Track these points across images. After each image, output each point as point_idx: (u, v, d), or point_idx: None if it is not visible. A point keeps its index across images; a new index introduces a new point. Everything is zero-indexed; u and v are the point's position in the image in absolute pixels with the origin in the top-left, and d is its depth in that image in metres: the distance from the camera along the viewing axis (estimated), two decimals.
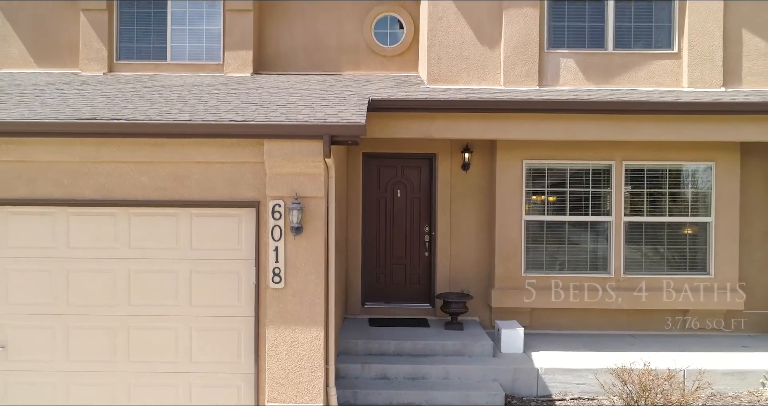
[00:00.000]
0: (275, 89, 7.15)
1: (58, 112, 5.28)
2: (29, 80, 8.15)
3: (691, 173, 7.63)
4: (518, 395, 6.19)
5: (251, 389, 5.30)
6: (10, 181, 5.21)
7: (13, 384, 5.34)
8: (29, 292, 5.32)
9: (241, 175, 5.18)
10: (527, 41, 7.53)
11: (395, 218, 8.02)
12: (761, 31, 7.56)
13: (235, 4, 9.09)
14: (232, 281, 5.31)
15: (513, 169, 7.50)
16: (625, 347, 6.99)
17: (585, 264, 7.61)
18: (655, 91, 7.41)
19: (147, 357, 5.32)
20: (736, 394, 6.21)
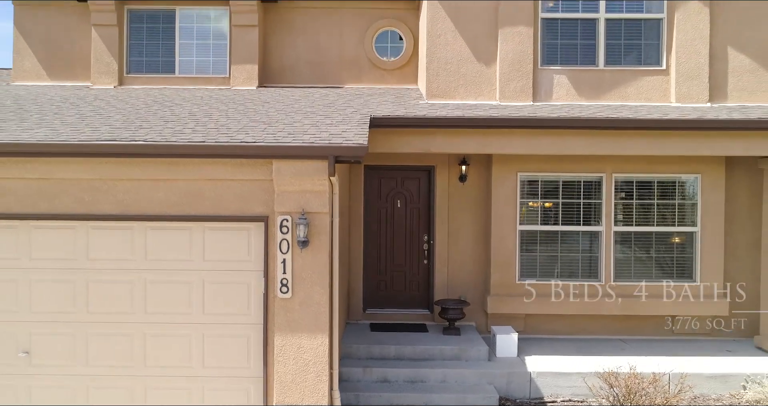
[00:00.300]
0: (281, 105, 7.49)
1: (78, 132, 5.62)
2: (44, 94, 8.47)
3: (678, 185, 7.97)
4: (512, 398, 6.53)
5: (260, 392, 5.64)
6: (33, 198, 5.54)
7: (36, 388, 5.68)
8: (51, 301, 5.66)
9: (250, 191, 5.52)
10: (522, 58, 7.87)
11: (395, 227, 8.36)
12: (746, 48, 7.89)
13: (241, 20, 9.42)
14: (243, 290, 5.65)
15: (508, 181, 7.85)
16: (615, 352, 7.33)
17: (577, 272, 7.95)
18: (643, 106, 7.75)
19: (162, 362, 5.66)
20: (719, 396, 6.55)
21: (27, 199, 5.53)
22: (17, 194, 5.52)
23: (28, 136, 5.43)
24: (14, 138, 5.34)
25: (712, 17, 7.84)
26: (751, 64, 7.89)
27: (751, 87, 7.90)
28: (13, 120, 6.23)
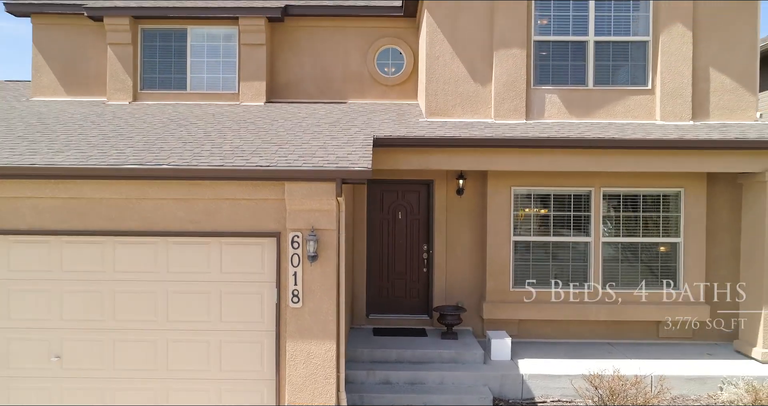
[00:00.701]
0: (289, 123, 7.98)
1: (105, 155, 6.11)
2: (64, 111, 8.96)
3: (662, 198, 8.47)
4: (505, 398, 7.03)
5: (273, 393, 6.14)
6: (65, 215, 6.05)
7: (67, 389, 6.18)
8: (81, 310, 6.17)
9: (264, 210, 6.02)
10: (515, 79, 8.36)
11: (396, 237, 8.87)
12: (727, 69, 8.38)
13: (250, 39, 9.92)
14: (257, 300, 6.15)
15: (502, 195, 8.35)
16: (602, 355, 7.82)
17: (567, 279, 8.44)
18: (630, 124, 8.25)
19: (183, 366, 6.16)
20: (697, 397, 7.05)
21: (59, 216, 6.03)
22: (51, 212, 6.02)
23: (60, 160, 5.93)
24: (48, 162, 5.84)
25: (694, 40, 8.33)
26: (731, 84, 8.38)
27: (732, 105, 8.39)
28: (43, 141, 6.73)
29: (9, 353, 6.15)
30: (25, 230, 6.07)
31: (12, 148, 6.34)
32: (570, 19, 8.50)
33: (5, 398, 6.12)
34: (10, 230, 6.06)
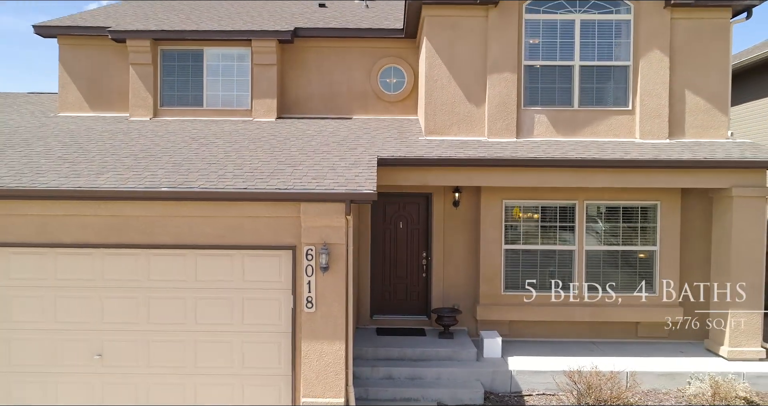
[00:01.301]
0: (300, 143, 8.76)
1: (140, 177, 6.91)
2: (92, 129, 9.75)
3: (640, 210, 9.26)
4: (495, 392, 7.85)
5: (289, 387, 6.96)
6: (106, 231, 6.85)
7: (107, 384, 7.00)
8: (119, 314, 6.97)
9: (281, 226, 6.81)
10: (507, 100, 9.13)
11: (398, 245, 9.67)
12: (701, 91, 9.15)
13: (262, 59, 10.70)
14: (275, 306, 6.96)
15: (494, 207, 9.14)
16: (584, 353, 8.61)
17: (554, 285, 9.23)
18: (611, 142, 9.02)
19: (209, 363, 6.97)
20: (667, 391, 7.86)
21: (101, 231, 6.84)
22: (93, 228, 6.82)
23: (102, 182, 6.73)
24: (92, 185, 6.64)
25: (671, 65, 9.10)
26: (705, 105, 9.16)
27: (706, 124, 9.17)
28: (82, 162, 7.52)
29: (56, 352, 6.97)
30: (70, 244, 6.88)
31: (57, 171, 7.13)
32: (557, 45, 9.26)
33: (54, 392, 6.94)
34: (57, 244, 6.86)
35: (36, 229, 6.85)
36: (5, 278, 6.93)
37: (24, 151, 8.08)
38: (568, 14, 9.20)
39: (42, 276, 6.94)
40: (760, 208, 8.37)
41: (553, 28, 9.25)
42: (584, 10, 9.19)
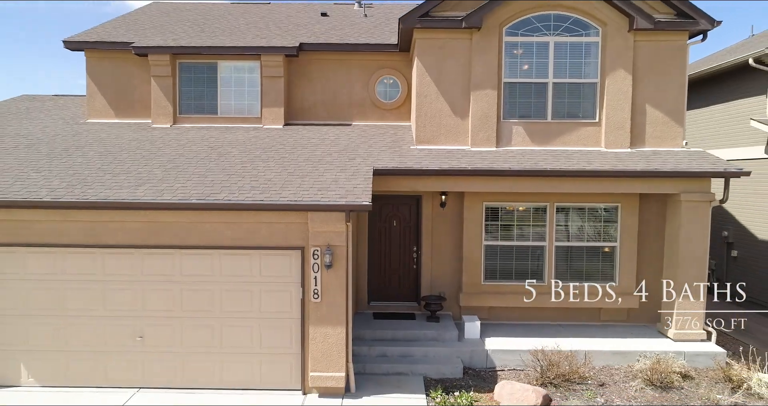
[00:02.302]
0: (306, 152, 10.00)
1: (173, 189, 8.19)
2: (120, 136, 10.98)
3: (603, 211, 10.56)
4: (473, 368, 9.25)
5: (299, 364, 8.34)
6: (145, 234, 8.16)
7: (147, 360, 8.39)
8: (157, 303, 8.33)
9: (291, 230, 8.12)
10: (488, 114, 10.35)
11: (392, 240, 11.00)
12: (660, 106, 10.35)
13: (270, 72, 11.88)
14: (286, 296, 8.31)
15: (476, 209, 10.43)
16: (552, 334, 9.98)
17: (527, 275, 10.56)
18: (580, 151, 10.27)
19: (233, 344, 8.35)
20: (619, 367, 9.23)
21: (140, 235, 8.16)
22: (134, 232, 8.14)
23: (141, 194, 8.01)
24: (133, 197, 7.92)
25: (634, 82, 10.28)
26: (663, 118, 10.37)
27: (663, 135, 10.40)
28: (120, 174, 8.78)
29: (105, 335, 8.35)
30: (114, 245, 8.21)
31: (101, 182, 8.42)
32: (533, 64, 10.44)
33: (104, 367, 8.35)
34: (104, 245, 8.19)
35: (86, 233, 8.17)
36: (62, 273, 8.28)
37: (68, 162, 9.35)
38: (543, 37, 10.35)
39: (92, 272, 8.29)
40: (704, 211, 9.65)
41: (529, 49, 10.42)
42: (557, 33, 10.34)
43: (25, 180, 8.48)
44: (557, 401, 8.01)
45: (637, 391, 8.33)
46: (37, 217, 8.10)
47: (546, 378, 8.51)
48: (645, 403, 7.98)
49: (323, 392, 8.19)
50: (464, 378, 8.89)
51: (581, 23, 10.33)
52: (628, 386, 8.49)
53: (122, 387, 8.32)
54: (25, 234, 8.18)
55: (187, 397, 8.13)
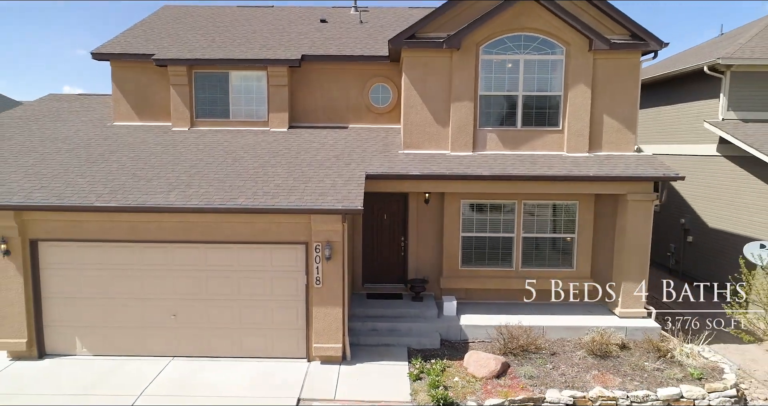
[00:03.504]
0: (309, 156, 11.62)
1: (199, 194, 9.85)
2: (147, 141, 12.58)
3: (564, 207, 12.26)
4: (449, 340, 11.08)
5: (304, 337, 10.17)
6: (176, 231, 9.87)
7: (180, 336, 10.20)
8: (186, 288, 10.10)
9: (297, 228, 9.83)
10: (466, 123, 11.94)
11: (383, 232, 12.72)
12: (615, 115, 11.93)
13: (276, 81, 13.41)
14: (293, 283, 10.07)
15: (454, 205, 12.12)
16: (518, 312, 11.73)
17: (498, 262, 12.34)
18: (545, 155, 11.88)
19: (250, 321, 10.15)
20: (570, 339, 11.06)
21: (173, 232, 9.87)
22: (167, 229, 9.85)
23: (173, 199, 9.68)
24: (166, 202, 9.58)
25: (593, 95, 11.84)
26: (618, 126, 11.97)
27: (618, 141, 12.01)
28: (153, 179, 10.42)
29: (144, 314, 10.14)
30: (151, 240, 9.93)
31: (138, 188, 10.07)
32: (506, 79, 11.98)
33: (143, 340, 10.18)
34: (142, 240, 9.91)
35: (127, 230, 9.89)
36: (108, 263, 10.04)
37: (106, 168, 10.98)
38: (514, 55, 11.87)
39: (133, 262, 10.04)
40: (648, 208, 11.33)
41: (502, 65, 11.94)
42: (527, 52, 11.84)
43: (75, 186, 10.15)
44: (514, 367, 9.86)
45: (581, 359, 10.18)
46: (87, 218, 9.80)
47: (507, 349, 10.34)
48: (584, 368, 9.82)
49: (324, 360, 10.05)
50: (441, 349, 10.74)
51: (548, 43, 11.82)
52: (574, 355, 10.33)
53: (160, 356, 10.16)
54: (77, 232, 9.89)
55: (213, 364, 9.98)
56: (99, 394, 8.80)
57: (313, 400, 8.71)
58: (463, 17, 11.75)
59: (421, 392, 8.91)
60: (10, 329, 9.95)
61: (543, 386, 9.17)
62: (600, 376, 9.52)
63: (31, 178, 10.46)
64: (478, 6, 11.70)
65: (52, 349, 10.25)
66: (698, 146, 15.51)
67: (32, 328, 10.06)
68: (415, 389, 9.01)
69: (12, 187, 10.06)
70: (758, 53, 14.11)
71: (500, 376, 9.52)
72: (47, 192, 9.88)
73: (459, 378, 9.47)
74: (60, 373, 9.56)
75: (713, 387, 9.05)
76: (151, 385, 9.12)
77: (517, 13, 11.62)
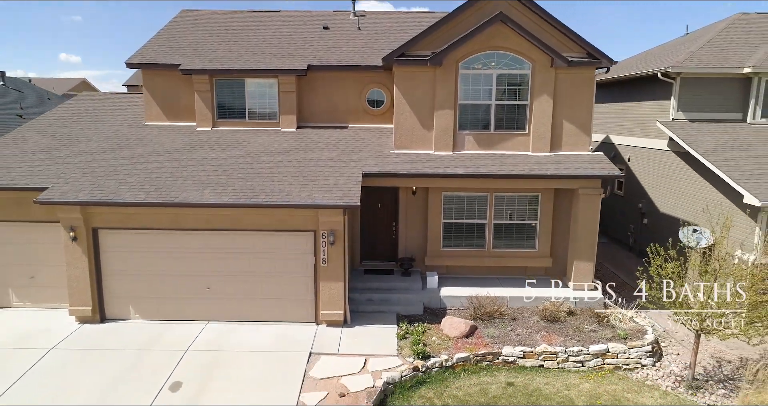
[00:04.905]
0: (315, 156, 13.92)
1: (228, 191, 12.17)
2: (177, 141, 14.85)
3: (528, 198, 14.62)
4: (430, 308, 13.59)
5: (313, 306, 12.66)
6: (208, 220, 12.24)
7: (213, 304, 12.68)
8: (218, 266, 12.53)
9: (307, 219, 12.20)
10: (447, 127, 14.19)
11: (378, 218, 15.12)
12: (573, 121, 14.16)
13: (285, 87, 15.60)
14: (304, 262, 12.50)
15: (437, 196, 14.49)
16: (489, 285, 14.22)
17: (473, 243, 14.78)
18: (513, 154, 14.16)
19: (268, 293, 12.63)
20: (531, 308, 13.56)
21: (206, 221, 12.25)
22: (202, 219, 12.21)
23: (208, 196, 12.02)
24: (201, 199, 11.92)
25: (554, 103, 14.05)
26: (575, 130, 14.22)
27: (575, 142, 14.28)
28: (188, 178, 12.73)
29: (184, 286, 12.60)
30: (189, 228, 12.32)
31: (178, 186, 12.39)
32: (480, 90, 14.17)
33: (183, 308, 12.68)
34: (182, 228, 12.30)
35: (170, 220, 12.27)
36: (155, 247, 12.46)
37: (147, 167, 13.29)
38: (488, 70, 14.03)
39: (175, 246, 12.46)
40: (595, 200, 13.67)
41: (478, 79, 14.11)
42: (499, 68, 14.01)
43: (126, 184, 12.48)
44: (481, 329, 12.38)
45: (535, 323, 12.70)
46: (137, 211, 12.17)
47: (477, 315, 12.85)
48: (536, 330, 12.35)
49: (329, 323, 12.57)
50: (424, 315, 13.26)
51: (517, 60, 13.97)
52: (530, 320, 12.85)
53: (197, 320, 12.69)
54: (129, 221, 12.28)
55: (241, 326, 12.51)
56: (157, 349, 11.34)
57: (322, 353, 11.25)
58: (445, 37, 13.88)
59: (406, 347, 11.45)
60: (78, 299, 12.45)
61: (501, 344, 11.71)
62: (547, 336, 12.05)
63: (88, 177, 12.80)
64: (458, 28, 13.81)
65: (110, 315, 12.78)
66: (654, 141, 17.75)
67: (95, 298, 12.56)
68: (401, 346, 11.55)
69: (75, 185, 12.41)
70: (705, 62, 16.22)
71: (469, 336, 12.05)
72: (105, 190, 12.23)
73: (436, 338, 12.01)
74: (121, 333, 12.11)
75: (634, 344, 11.58)
76: (194, 341, 11.67)
77: (490, 35, 13.73)
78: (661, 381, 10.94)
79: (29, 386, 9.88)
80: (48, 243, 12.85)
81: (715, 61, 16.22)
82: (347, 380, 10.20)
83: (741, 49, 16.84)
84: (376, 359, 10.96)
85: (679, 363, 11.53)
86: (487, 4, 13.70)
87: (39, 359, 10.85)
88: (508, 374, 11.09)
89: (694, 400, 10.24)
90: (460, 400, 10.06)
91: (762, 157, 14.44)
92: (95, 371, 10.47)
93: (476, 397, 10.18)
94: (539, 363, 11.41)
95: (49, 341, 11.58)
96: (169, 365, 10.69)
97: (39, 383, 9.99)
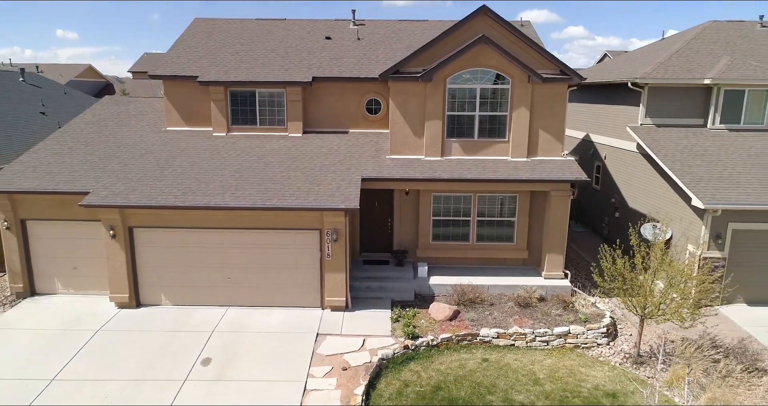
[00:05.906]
0: (320, 161, 15.81)
1: (245, 195, 14.11)
2: (196, 146, 16.74)
3: (508, 198, 16.56)
4: (420, 294, 15.62)
5: (319, 293, 14.70)
6: (226, 220, 14.22)
7: (233, 292, 14.72)
8: (236, 260, 14.53)
9: (314, 219, 14.16)
10: (437, 135, 16.06)
11: (375, 215, 17.08)
12: (548, 130, 16.02)
13: (292, 97, 17.42)
14: (311, 256, 14.50)
15: (427, 196, 16.42)
16: (473, 274, 16.24)
17: (459, 238, 16.77)
18: (494, 159, 16.05)
19: (281, 281, 14.66)
20: (508, 294, 15.60)
21: (227, 220, 14.21)
22: (224, 219, 14.17)
23: (228, 200, 13.97)
24: (222, 202, 13.86)
25: (531, 115, 15.89)
26: (550, 138, 16.09)
27: (550, 149, 16.16)
28: (210, 182, 14.65)
29: (207, 277, 14.62)
30: (212, 227, 14.29)
31: (203, 191, 14.31)
32: (466, 102, 16.00)
33: (208, 295, 14.73)
34: (207, 227, 14.27)
35: (196, 219, 14.24)
36: (183, 243, 14.44)
37: (173, 172, 15.19)
38: (473, 84, 15.83)
39: (200, 242, 14.45)
40: (565, 201, 15.60)
41: (463, 92, 15.92)
42: (482, 83, 15.81)
43: (156, 189, 14.40)
44: (463, 313, 14.44)
45: (509, 308, 14.76)
46: (168, 212, 14.12)
47: (460, 301, 14.90)
48: (510, 314, 14.41)
49: (333, 308, 14.64)
50: (414, 301, 15.32)
51: (498, 76, 15.76)
52: (506, 306, 14.92)
53: (220, 306, 14.76)
54: (160, 221, 14.25)
55: (257, 311, 14.56)
56: (187, 329, 13.43)
57: (327, 334, 13.33)
58: (435, 56, 15.65)
59: (398, 329, 13.52)
60: (118, 287, 14.50)
61: (480, 326, 13.78)
62: (519, 319, 14.13)
63: (123, 181, 14.73)
64: (446, 47, 15.58)
65: (145, 301, 14.84)
66: (626, 142, 19.60)
67: (132, 286, 14.61)
68: (394, 327, 13.63)
69: (113, 190, 14.35)
70: (670, 73, 17.98)
71: (452, 319, 14.12)
72: (139, 194, 14.17)
73: (424, 321, 14.09)
74: (155, 316, 14.19)
75: (591, 327, 13.65)
76: (219, 323, 13.76)
77: (475, 54, 15.50)
78: (612, 358, 13.03)
79: (87, 360, 11.98)
80: (88, 239, 14.85)
81: (679, 72, 17.97)
82: (349, 356, 12.29)
83: (704, 60, 18.58)
84: (373, 339, 13.03)
85: (629, 343, 13.61)
86: (472, 27, 15.44)
87: (90, 338, 12.94)
88: (484, 351, 13.18)
89: (636, 373, 12.34)
90: (442, 373, 12.15)
91: (714, 161, 16.32)
92: (137, 348, 12.56)
93: (456, 370, 12.27)
94: (511, 343, 13.49)
95: (96, 323, 13.67)
96: (199, 343, 12.78)
97: (94, 358, 12.08)
